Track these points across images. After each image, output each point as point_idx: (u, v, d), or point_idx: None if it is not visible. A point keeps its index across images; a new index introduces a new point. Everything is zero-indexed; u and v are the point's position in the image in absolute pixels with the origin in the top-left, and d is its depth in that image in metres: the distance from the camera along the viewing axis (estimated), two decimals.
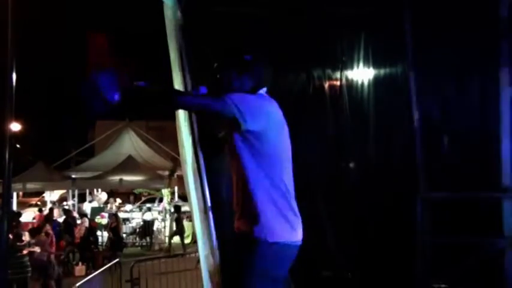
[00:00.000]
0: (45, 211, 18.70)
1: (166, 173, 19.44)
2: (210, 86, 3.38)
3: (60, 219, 17.37)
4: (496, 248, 5.12)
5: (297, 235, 2.98)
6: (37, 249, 11.85)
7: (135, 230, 19.58)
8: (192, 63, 4.61)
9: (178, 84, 4.53)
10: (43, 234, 12.79)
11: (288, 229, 2.93)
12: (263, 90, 3.15)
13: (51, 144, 34.37)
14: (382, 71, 5.60)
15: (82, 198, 24.14)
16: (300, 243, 3.01)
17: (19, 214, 16.82)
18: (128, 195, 25.93)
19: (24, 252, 11.77)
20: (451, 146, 5.38)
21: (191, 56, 4.65)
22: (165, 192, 21.38)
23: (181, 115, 4.38)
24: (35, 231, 13.50)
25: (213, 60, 3.35)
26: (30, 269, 11.26)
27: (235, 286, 3.05)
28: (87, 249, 14.96)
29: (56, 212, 18.75)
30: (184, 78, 4.58)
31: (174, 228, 17.79)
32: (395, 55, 5.46)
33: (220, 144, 3.52)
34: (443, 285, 5.17)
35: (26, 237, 12.42)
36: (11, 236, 11.09)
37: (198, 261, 4.61)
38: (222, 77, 3.18)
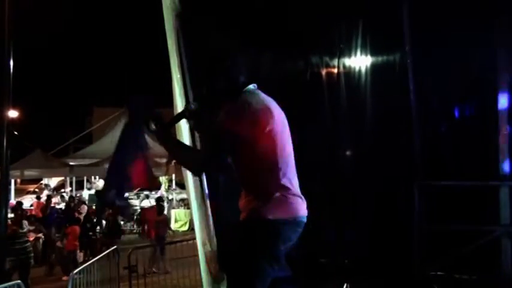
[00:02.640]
0: (42, 198, 18.68)
1: (164, 160, 19.36)
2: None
3: (59, 207, 17.39)
4: (493, 235, 5.14)
5: (301, 210, 2.99)
6: None
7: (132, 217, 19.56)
8: (191, 52, 4.60)
9: (176, 79, 4.51)
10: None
11: (293, 206, 2.94)
12: (253, 86, 3.02)
13: (49, 131, 34.34)
14: (379, 58, 5.59)
15: (80, 186, 24.14)
16: (304, 219, 3.02)
17: (20, 203, 16.76)
18: None
19: None
20: (448, 134, 5.38)
21: (189, 45, 4.63)
22: (163, 179, 21.37)
23: (179, 103, 4.37)
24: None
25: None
26: (32, 254, 11.28)
27: (235, 268, 3.03)
28: (84, 236, 14.93)
29: (54, 199, 18.76)
30: (182, 67, 4.56)
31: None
32: (393, 42, 5.44)
33: None
34: (440, 273, 5.20)
35: (26, 224, 12.42)
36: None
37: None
38: (209, 85, 3.08)
